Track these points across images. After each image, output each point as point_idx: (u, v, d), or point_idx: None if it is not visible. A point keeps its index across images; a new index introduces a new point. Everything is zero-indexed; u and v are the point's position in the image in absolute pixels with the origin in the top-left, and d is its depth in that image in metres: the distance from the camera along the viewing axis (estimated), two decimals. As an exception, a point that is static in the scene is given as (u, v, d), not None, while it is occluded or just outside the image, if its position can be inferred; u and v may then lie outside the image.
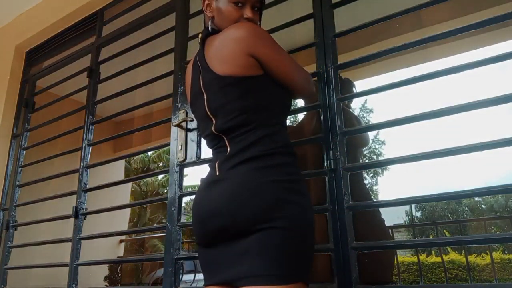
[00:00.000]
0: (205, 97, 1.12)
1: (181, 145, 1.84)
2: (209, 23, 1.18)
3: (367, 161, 1.62)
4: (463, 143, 1.22)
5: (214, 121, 1.10)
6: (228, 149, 1.06)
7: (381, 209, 1.65)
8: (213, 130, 1.10)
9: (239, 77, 1.05)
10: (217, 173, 1.05)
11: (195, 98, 1.18)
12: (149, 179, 12.60)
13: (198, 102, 1.16)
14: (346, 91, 1.60)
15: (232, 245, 0.99)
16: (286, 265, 0.91)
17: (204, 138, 1.19)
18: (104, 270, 4.77)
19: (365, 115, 9.82)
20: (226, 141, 1.08)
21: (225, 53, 1.07)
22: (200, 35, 1.21)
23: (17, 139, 2.91)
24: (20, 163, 2.80)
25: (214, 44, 1.12)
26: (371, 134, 1.73)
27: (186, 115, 1.86)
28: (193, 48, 2.03)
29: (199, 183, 1.14)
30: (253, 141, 1.03)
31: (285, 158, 1.04)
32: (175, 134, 1.89)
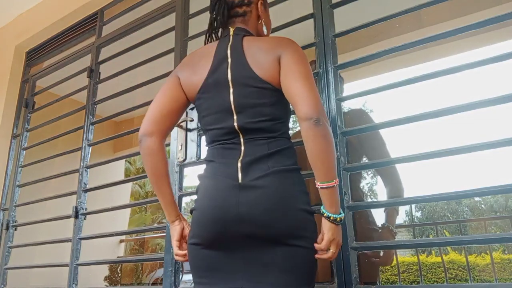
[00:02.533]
0: (231, 90, 1.09)
1: (181, 145, 1.84)
2: (258, 23, 1.23)
3: (366, 161, 1.61)
4: (463, 143, 1.23)
5: (235, 117, 1.07)
6: (242, 149, 1.05)
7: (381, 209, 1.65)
8: (235, 125, 1.07)
9: (275, 87, 1.07)
10: (240, 176, 1.01)
11: (212, 86, 1.12)
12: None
13: (216, 91, 1.11)
14: (363, 121, 1.59)
15: (250, 253, 0.99)
16: (309, 282, 1.01)
17: (210, 129, 1.13)
18: (104, 270, 4.77)
19: (365, 115, 9.80)
20: (241, 140, 1.07)
21: (269, 61, 1.08)
22: (232, 29, 1.18)
23: (17, 139, 2.91)
24: (20, 163, 2.80)
25: (259, 46, 1.12)
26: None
27: (186, 115, 1.86)
28: (193, 48, 2.03)
29: (197, 182, 1.13)
30: (275, 151, 1.04)
31: (301, 174, 1.08)
32: (175, 134, 1.89)
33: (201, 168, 1.83)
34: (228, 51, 1.13)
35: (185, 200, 1.90)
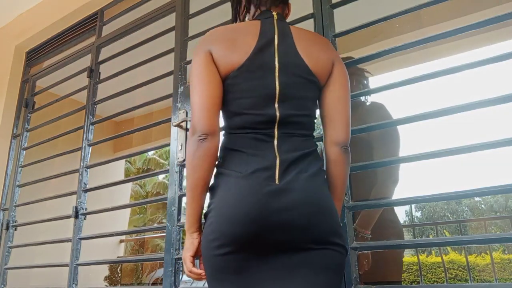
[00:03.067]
0: (276, 74, 1.00)
1: (181, 145, 1.84)
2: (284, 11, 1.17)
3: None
4: (463, 143, 1.23)
5: (277, 105, 0.99)
6: (276, 144, 0.97)
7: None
8: (276, 114, 0.98)
9: (320, 85, 1.06)
10: (278, 176, 0.93)
11: (256, 67, 1.01)
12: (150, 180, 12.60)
13: (260, 73, 1.01)
14: (380, 117, 1.58)
15: (283, 258, 0.92)
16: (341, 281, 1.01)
17: (244, 113, 1.00)
18: (104, 270, 4.77)
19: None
20: (275, 132, 0.98)
21: (322, 58, 1.06)
22: (275, 14, 1.10)
23: (17, 139, 2.91)
24: (20, 163, 2.80)
25: (310, 38, 1.09)
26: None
27: (186, 115, 1.87)
28: (193, 48, 2.03)
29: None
30: (311, 150, 1.00)
31: None
32: (175, 134, 1.89)
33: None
34: (276, 35, 1.05)
35: (185, 200, 1.90)
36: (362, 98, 1.69)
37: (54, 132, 2.62)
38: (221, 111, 1.04)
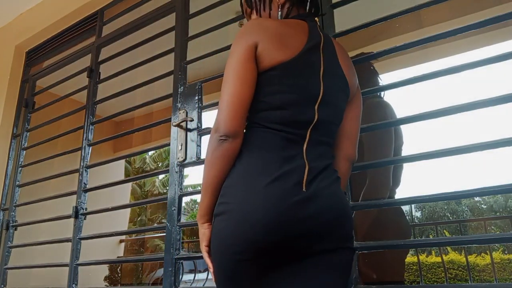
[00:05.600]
0: (321, 78, 0.99)
1: (181, 145, 1.84)
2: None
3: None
4: (463, 143, 1.23)
5: (317, 107, 0.97)
6: (305, 148, 0.95)
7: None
8: (315, 116, 0.96)
9: (349, 99, 1.10)
10: (306, 182, 0.90)
11: (303, 65, 0.99)
12: (150, 180, 12.59)
13: (306, 72, 0.99)
14: (375, 114, 1.57)
15: (301, 263, 0.91)
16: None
17: (282, 108, 0.95)
18: (104, 270, 4.77)
19: (365, 115, 9.80)
20: (307, 136, 0.96)
21: (353, 75, 1.12)
22: (317, 20, 1.14)
23: (17, 139, 2.91)
24: (20, 163, 2.80)
25: (345, 53, 1.14)
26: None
27: (186, 115, 1.86)
28: (193, 48, 2.03)
29: (199, 181, 1.09)
30: (332, 162, 1.02)
31: None
32: (175, 134, 1.89)
33: (200, 168, 1.83)
34: (322, 40, 1.04)
35: (185, 199, 1.90)
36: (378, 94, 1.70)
37: (54, 132, 2.62)
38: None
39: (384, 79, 1.68)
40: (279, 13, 1.11)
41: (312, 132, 0.96)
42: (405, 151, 1.64)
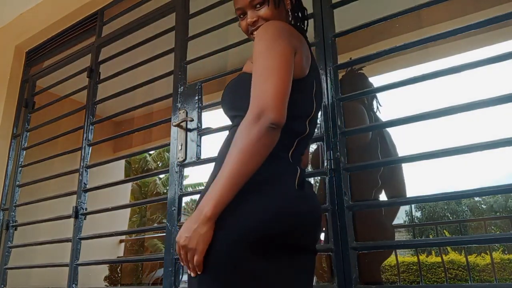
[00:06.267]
0: (313, 97, 1.04)
1: (181, 145, 1.84)
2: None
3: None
4: (463, 143, 1.23)
5: (307, 125, 1.01)
6: (290, 154, 0.97)
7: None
8: (307, 131, 1.02)
9: None
10: (298, 185, 0.92)
11: (310, 83, 1.03)
12: (150, 180, 12.58)
13: (309, 89, 1.03)
14: (362, 86, 1.60)
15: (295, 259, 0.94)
16: None
17: (302, 116, 1.00)
18: (104, 270, 4.77)
19: (365, 115, 9.80)
20: (294, 146, 0.99)
21: None
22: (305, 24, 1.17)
23: (17, 139, 2.91)
24: (20, 163, 2.80)
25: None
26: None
27: (186, 115, 1.86)
28: (193, 48, 2.03)
29: (199, 181, 1.10)
30: (305, 166, 1.13)
31: None
32: (175, 134, 1.89)
33: (201, 168, 1.82)
34: (311, 51, 1.09)
35: (185, 199, 1.90)
36: (374, 105, 1.73)
37: (54, 132, 2.62)
38: None
39: (384, 79, 1.69)
40: (290, 17, 1.13)
41: (298, 142, 1.01)
42: (405, 151, 1.64)
